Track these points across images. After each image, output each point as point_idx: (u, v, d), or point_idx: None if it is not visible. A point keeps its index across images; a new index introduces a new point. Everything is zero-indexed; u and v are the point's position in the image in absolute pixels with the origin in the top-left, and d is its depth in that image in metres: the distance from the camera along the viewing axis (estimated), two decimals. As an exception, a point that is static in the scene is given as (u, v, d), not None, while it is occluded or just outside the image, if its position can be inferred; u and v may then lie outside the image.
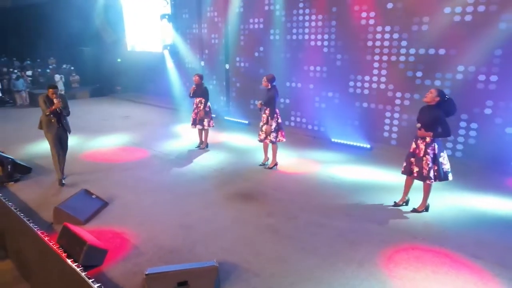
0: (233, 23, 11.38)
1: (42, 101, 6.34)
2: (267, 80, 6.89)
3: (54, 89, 6.36)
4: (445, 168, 5.17)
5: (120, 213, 5.63)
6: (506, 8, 6.55)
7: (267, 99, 6.86)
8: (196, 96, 8.27)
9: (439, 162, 5.11)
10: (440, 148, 5.15)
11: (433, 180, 5.15)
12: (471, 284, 3.85)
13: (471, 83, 7.14)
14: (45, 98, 6.35)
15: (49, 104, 6.31)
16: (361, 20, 8.48)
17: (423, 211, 5.39)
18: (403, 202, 5.61)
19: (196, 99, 8.33)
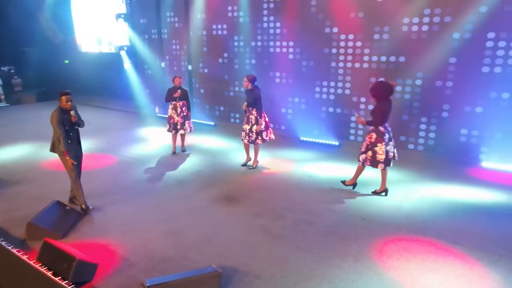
0: (196, 29, 11.13)
1: (58, 120, 5.13)
2: (248, 80, 6.84)
3: (69, 96, 5.23)
4: (389, 156, 5.81)
5: (100, 223, 5.30)
6: (459, 19, 7.03)
7: (253, 100, 6.82)
8: (180, 99, 7.97)
9: (374, 150, 5.79)
10: (379, 138, 5.75)
11: (361, 163, 5.94)
12: (459, 269, 4.11)
13: (429, 88, 7.61)
14: (61, 116, 5.16)
15: (64, 119, 5.19)
16: (325, 28, 8.69)
17: (382, 194, 6.00)
18: (352, 184, 6.25)
19: (178, 102, 8.00)
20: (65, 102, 5.21)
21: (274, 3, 9.43)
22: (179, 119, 8.00)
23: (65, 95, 5.22)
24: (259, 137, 7.01)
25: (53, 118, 5.16)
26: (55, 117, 5.15)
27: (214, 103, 11.26)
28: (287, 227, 5.13)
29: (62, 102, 5.23)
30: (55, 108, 5.28)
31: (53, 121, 5.17)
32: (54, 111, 5.22)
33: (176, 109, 8.01)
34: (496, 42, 6.74)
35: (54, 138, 5.36)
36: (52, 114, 5.20)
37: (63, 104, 5.23)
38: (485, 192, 6.11)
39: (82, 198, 5.54)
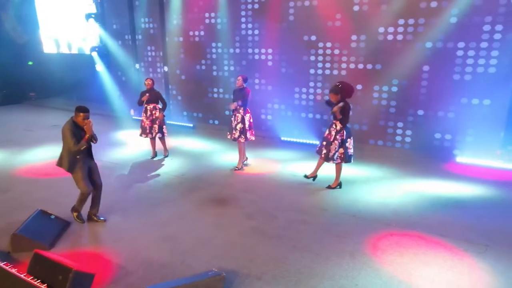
0: (172, 34, 10.90)
1: (71, 134, 4.73)
2: (243, 79, 6.89)
3: (87, 114, 4.82)
4: (350, 152, 6.03)
5: (89, 232, 5.08)
6: (431, 29, 7.31)
7: (241, 98, 6.85)
8: (149, 102, 7.75)
9: (346, 147, 5.99)
10: (348, 135, 6.00)
11: (338, 161, 6.09)
12: (449, 261, 4.28)
13: (405, 94, 7.90)
14: (73, 129, 4.78)
15: (78, 134, 4.81)
16: (304, 35, 8.79)
17: (337, 188, 6.29)
18: (312, 177, 6.45)
19: (149, 105, 7.78)
20: (82, 119, 4.78)
21: (252, 10, 9.41)
22: (148, 123, 7.79)
23: (83, 112, 4.78)
24: (242, 135, 7.00)
25: (65, 131, 4.76)
26: (68, 130, 4.75)
27: (192, 109, 11.07)
28: (281, 227, 5.14)
29: (78, 118, 4.79)
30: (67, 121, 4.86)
31: (65, 135, 4.78)
32: (67, 125, 4.79)
33: (146, 112, 7.81)
34: (465, 51, 7.07)
35: (63, 152, 4.93)
36: (64, 128, 4.79)
37: (79, 121, 4.80)
38: (463, 185, 6.41)
39: (80, 208, 5.23)
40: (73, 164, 4.92)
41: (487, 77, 6.94)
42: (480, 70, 6.98)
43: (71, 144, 4.76)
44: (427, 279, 3.97)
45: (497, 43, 6.70)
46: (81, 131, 4.84)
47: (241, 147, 7.22)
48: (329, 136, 6.05)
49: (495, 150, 6.96)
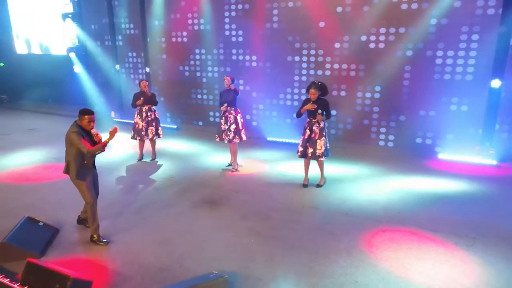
0: (153, 36, 10.67)
1: (79, 137, 4.41)
2: (231, 80, 6.82)
3: (92, 116, 4.55)
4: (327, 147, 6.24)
5: (80, 238, 4.90)
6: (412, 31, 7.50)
7: (231, 99, 6.80)
8: (145, 104, 7.55)
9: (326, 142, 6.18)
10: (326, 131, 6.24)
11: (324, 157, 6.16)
12: (442, 255, 4.40)
13: (388, 94, 8.07)
14: (80, 132, 4.47)
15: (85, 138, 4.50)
16: (288, 37, 8.81)
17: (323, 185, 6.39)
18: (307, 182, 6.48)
19: (144, 107, 7.60)
20: (87, 122, 4.50)
21: (235, 11, 9.36)
22: (144, 125, 7.62)
23: (88, 115, 4.50)
24: (236, 136, 6.96)
25: (72, 137, 4.42)
26: (75, 134, 4.42)
27: (176, 111, 10.88)
28: (276, 227, 5.14)
29: (83, 121, 4.50)
30: (71, 125, 4.55)
31: (72, 139, 4.42)
32: (72, 129, 4.48)
33: (141, 114, 7.63)
34: (445, 52, 7.30)
35: (69, 158, 4.57)
36: (69, 133, 4.46)
37: (85, 124, 4.51)
38: (446, 181, 6.58)
39: (95, 227, 4.73)
40: (81, 171, 4.59)
41: (466, 78, 7.18)
42: (459, 70, 7.23)
43: (84, 148, 4.40)
44: (423, 273, 4.06)
45: (475, 44, 6.96)
46: (86, 134, 4.55)
47: (235, 148, 7.17)
48: (313, 135, 6.08)
49: (474, 147, 7.21)
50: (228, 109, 6.89)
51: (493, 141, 7.12)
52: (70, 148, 4.53)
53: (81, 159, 4.55)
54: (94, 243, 4.72)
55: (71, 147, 4.51)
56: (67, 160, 4.60)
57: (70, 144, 4.49)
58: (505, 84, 6.83)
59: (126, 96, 11.49)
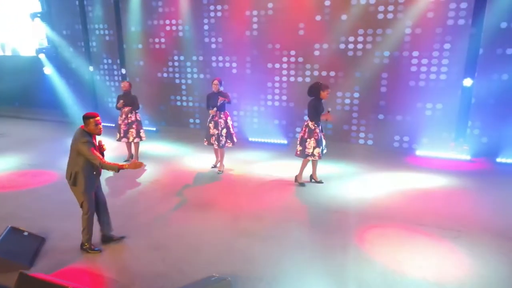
0: (131, 42, 10.39)
1: (89, 149, 4.06)
2: (220, 83, 6.72)
3: (97, 118, 4.19)
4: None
5: (68, 246, 4.61)
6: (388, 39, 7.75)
7: (222, 103, 6.71)
8: (126, 105, 7.36)
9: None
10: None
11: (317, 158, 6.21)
12: (431, 247, 4.52)
13: (366, 100, 8.30)
14: (91, 141, 4.14)
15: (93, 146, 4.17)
16: (268, 44, 8.86)
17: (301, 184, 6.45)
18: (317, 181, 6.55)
19: (125, 109, 7.40)
20: (94, 126, 4.14)
21: (215, 18, 9.30)
22: (123, 127, 7.45)
23: (93, 118, 4.14)
24: (228, 140, 6.88)
25: (82, 148, 4.06)
26: (85, 145, 4.06)
27: (154, 114, 10.57)
28: (269, 227, 5.08)
29: (90, 126, 4.14)
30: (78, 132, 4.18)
31: (82, 150, 4.07)
32: (81, 137, 4.10)
33: (122, 116, 7.48)
34: (420, 60, 7.61)
35: (76, 168, 4.18)
36: (79, 142, 4.09)
37: (92, 128, 4.14)
38: (426, 176, 6.79)
39: (88, 236, 4.44)
40: (89, 183, 4.25)
41: (440, 79, 7.53)
42: (433, 77, 7.57)
43: (96, 160, 4.06)
44: (416, 266, 4.15)
45: (447, 52, 7.32)
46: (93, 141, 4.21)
47: (223, 151, 7.08)
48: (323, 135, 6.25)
49: (449, 143, 7.55)
50: (218, 113, 6.79)
51: (467, 138, 7.48)
52: (77, 158, 4.17)
53: (90, 169, 4.20)
54: (85, 251, 4.46)
55: (79, 157, 4.15)
56: (74, 170, 4.20)
57: (78, 154, 4.14)
58: (476, 85, 7.19)
59: (102, 99, 11.15)
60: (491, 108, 7.30)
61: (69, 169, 4.27)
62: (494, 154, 7.27)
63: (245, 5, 8.86)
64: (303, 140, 6.22)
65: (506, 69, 6.97)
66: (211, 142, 6.96)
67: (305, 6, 8.30)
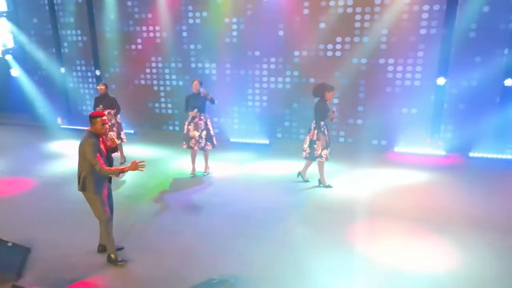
0: (106, 48, 10.05)
1: (93, 152, 3.88)
2: (200, 83, 6.60)
3: (104, 117, 4.00)
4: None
5: (55, 256, 4.37)
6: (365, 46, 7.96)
7: (202, 104, 6.58)
8: (104, 108, 7.09)
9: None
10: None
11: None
12: (421, 240, 4.63)
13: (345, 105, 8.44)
14: (97, 143, 3.95)
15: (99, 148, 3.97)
16: (248, 51, 8.89)
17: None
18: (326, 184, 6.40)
19: (104, 112, 7.06)
20: (101, 125, 3.96)
21: (194, 24, 9.18)
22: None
23: (100, 117, 3.96)
24: (208, 143, 6.75)
25: (87, 150, 3.88)
26: (91, 147, 3.87)
27: (132, 117, 10.22)
28: (261, 227, 5.04)
29: (96, 126, 3.96)
30: (85, 135, 4.00)
31: (87, 152, 3.87)
32: (88, 139, 3.92)
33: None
34: (395, 67, 7.92)
35: (84, 173, 4.00)
36: (85, 144, 3.91)
37: (98, 128, 3.96)
38: (406, 172, 6.97)
39: (112, 247, 4.23)
40: (98, 184, 4.05)
41: (414, 84, 7.87)
42: (407, 83, 7.90)
43: (98, 165, 3.87)
44: (410, 260, 4.25)
45: (420, 60, 7.67)
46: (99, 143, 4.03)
47: (207, 153, 6.96)
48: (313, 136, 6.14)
49: (425, 140, 7.89)
50: (198, 114, 6.65)
51: (441, 134, 7.85)
52: (84, 162, 3.98)
53: (97, 172, 3.98)
54: (112, 264, 4.19)
55: (85, 161, 3.96)
56: (82, 175, 4.01)
57: (84, 158, 3.94)
58: (448, 88, 7.58)
59: (74, 101, 10.71)
60: (463, 108, 7.71)
61: (78, 174, 4.08)
62: (467, 149, 7.67)
63: (225, 12, 8.86)
64: (312, 142, 6.12)
65: (475, 74, 7.41)
66: (190, 145, 6.75)
67: (284, 13, 8.42)
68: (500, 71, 7.21)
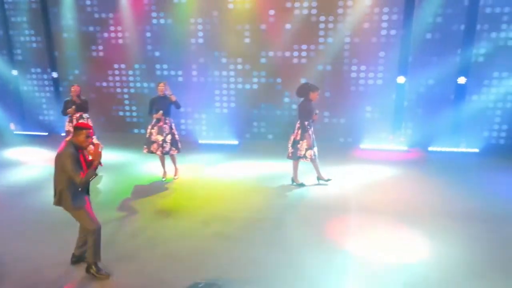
0: (63, 50, 9.49)
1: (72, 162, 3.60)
2: (166, 86, 6.43)
3: (90, 130, 3.75)
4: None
5: (27, 270, 4.03)
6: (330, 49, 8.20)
7: (167, 107, 6.38)
8: (77, 111, 6.76)
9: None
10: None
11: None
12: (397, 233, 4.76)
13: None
14: (75, 154, 3.65)
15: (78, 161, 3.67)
16: (214, 52, 8.83)
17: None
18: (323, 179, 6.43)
19: (74, 115, 6.82)
20: (84, 138, 3.70)
21: (158, 26, 8.95)
22: None
23: (86, 129, 3.71)
24: (173, 147, 6.52)
25: (65, 162, 3.59)
26: (69, 159, 3.58)
27: (95, 127, 9.77)
28: (242, 229, 4.98)
29: (80, 137, 3.69)
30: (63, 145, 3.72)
31: (65, 165, 3.59)
32: (66, 150, 3.64)
33: (72, 122, 6.87)
34: (358, 67, 8.24)
35: (61, 186, 3.70)
36: (63, 155, 3.62)
37: (81, 140, 3.70)
38: (373, 167, 7.23)
39: (98, 257, 3.93)
40: (76, 197, 3.75)
41: (377, 83, 8.25)
42: (371, 83, 8.26)
43: (77, 178, 3.59)
44: (391, 252, 4.35)
45: (382, 60, 8.04)
46: (79, 156, 3.74)
47: (174, 157, 6.74)
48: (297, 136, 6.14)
49: (388, 136, 8.31)
50: (163, 118, 6.41)
51: (402, 131, 8.27)
52: (61, 175, 3.68)
53: (75, 186, 3.71)
54: (91, 275, 3.88)
55: (62, 174, 3.67)
56: (59, 189, 3.72)
57: (62, 170, 3.65)
58: (408, 87, 8.00)
59: (29, 106, 10.04)
60: (421, 106, 8.19)
61: (54, 187, 3.77)
62: (426, 144, 8.14)
63: (190, 13, 8.72)
64: (295, 142, 6.13)
65: (432, 73, 7.90)
66: (151, 149, 6.48)
67: (250, 15, 8.44)
68: (454, 70, 7.74)
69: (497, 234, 4.73)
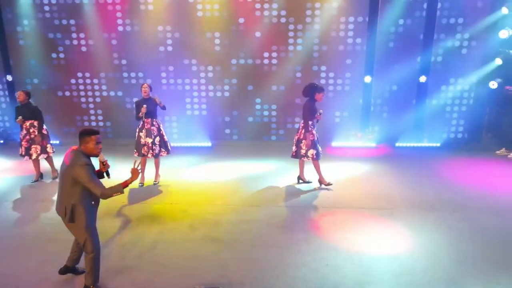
0: (19, 57, 8.93)
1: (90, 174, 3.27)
2: (150, 87, 6.25)
3: (98, 135, 3.43)
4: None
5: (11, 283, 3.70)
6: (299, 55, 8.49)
7: (153, 108, 6.22)
8: (25, 119, 6.33)
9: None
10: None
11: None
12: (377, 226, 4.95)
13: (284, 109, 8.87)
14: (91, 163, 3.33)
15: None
16: (184, 59, 8.74)
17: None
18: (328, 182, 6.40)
19: (25, 124, 6.36)
20: (94, 144, 3.39)
21: (124, 32, 8.68)
22: (24, 143, 6.44)
23: (94, 134, 3.41)
24: (162, 149, 6.37)
25: (81, 173, 3.24)
26: (85, 169, 3.25)
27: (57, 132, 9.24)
28: (230, 231, 4.90)
29: (89, 144, 3.39)
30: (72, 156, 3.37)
31: (82, 176, 3.25)
32: (78, 160, 3.30)
33: (22, 131, 6.50)
34: (327, 73, 8.58)
35: (73, 200, 3.35)
36: (76, 166, 3.27)
37: (91, 147, 3.40)
38: (345, 164, 7.47)
39: (94, 277, 3.59)
40: (90, 217, 3.44)
41: (345, 89, 8.64)
42: (339, 87, 8.60)
43: (99, 189, 3.27)
44: (374, 245, 4.50)
45: (349, 66, 8.41)
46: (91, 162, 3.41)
47: (159, 160, 6.52)
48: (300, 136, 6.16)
49: (356, 134, 8.70)
50: (150, 120, 6.26)
51: (370, 128, 8.67)
52: (73, 188, 3.34)
53: (89, 200, 3.41)
54: None
55: (75, 186, 3.33)
56: (70, 203, 3.36)
57: (75, 182, 3.31)
58: (375, 85, 8.43)
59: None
60: (387, 105, 8.71)
61: (62, 202, 3.39)
62: (393, 140, 8.63)
63: (157, 21, 8.56)
64: (299, 141, 6.16)
65: (395, 76, 8.40)
66: (142, 152, 6.30)
67: (220, 22, 8.47)
68: (415, 73, 8.29)
69: (469, 223, 5.05)
